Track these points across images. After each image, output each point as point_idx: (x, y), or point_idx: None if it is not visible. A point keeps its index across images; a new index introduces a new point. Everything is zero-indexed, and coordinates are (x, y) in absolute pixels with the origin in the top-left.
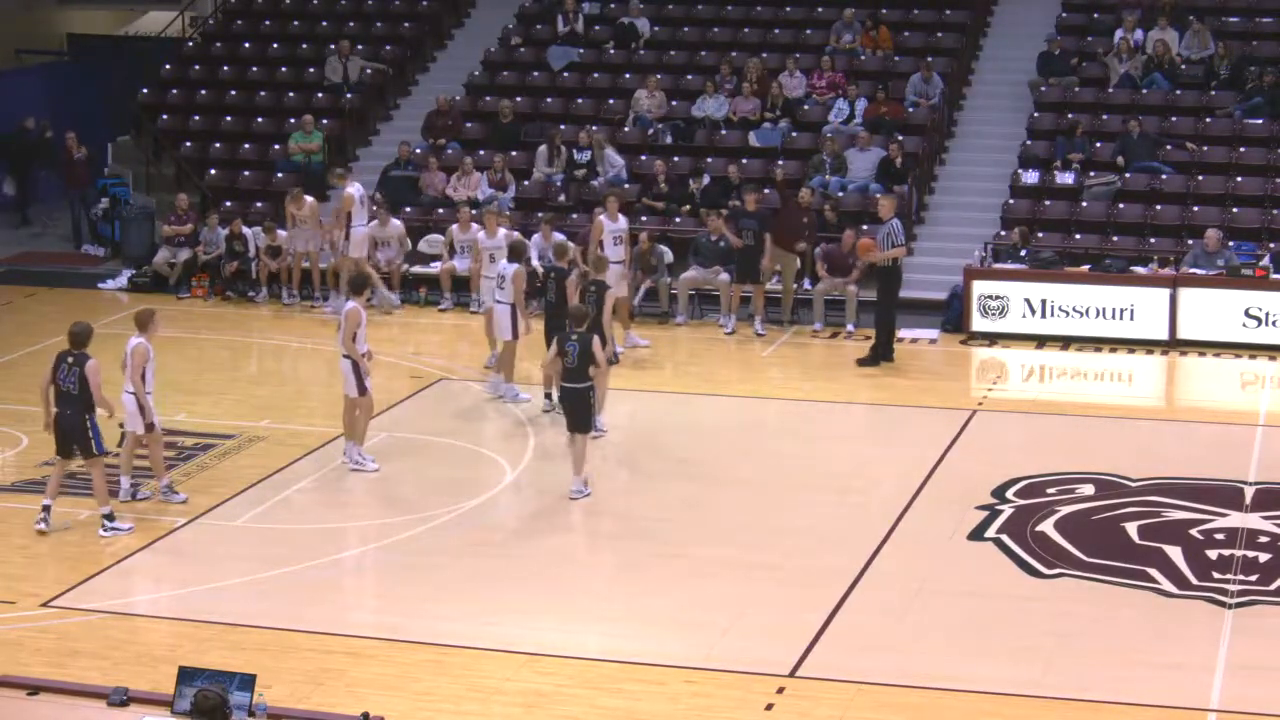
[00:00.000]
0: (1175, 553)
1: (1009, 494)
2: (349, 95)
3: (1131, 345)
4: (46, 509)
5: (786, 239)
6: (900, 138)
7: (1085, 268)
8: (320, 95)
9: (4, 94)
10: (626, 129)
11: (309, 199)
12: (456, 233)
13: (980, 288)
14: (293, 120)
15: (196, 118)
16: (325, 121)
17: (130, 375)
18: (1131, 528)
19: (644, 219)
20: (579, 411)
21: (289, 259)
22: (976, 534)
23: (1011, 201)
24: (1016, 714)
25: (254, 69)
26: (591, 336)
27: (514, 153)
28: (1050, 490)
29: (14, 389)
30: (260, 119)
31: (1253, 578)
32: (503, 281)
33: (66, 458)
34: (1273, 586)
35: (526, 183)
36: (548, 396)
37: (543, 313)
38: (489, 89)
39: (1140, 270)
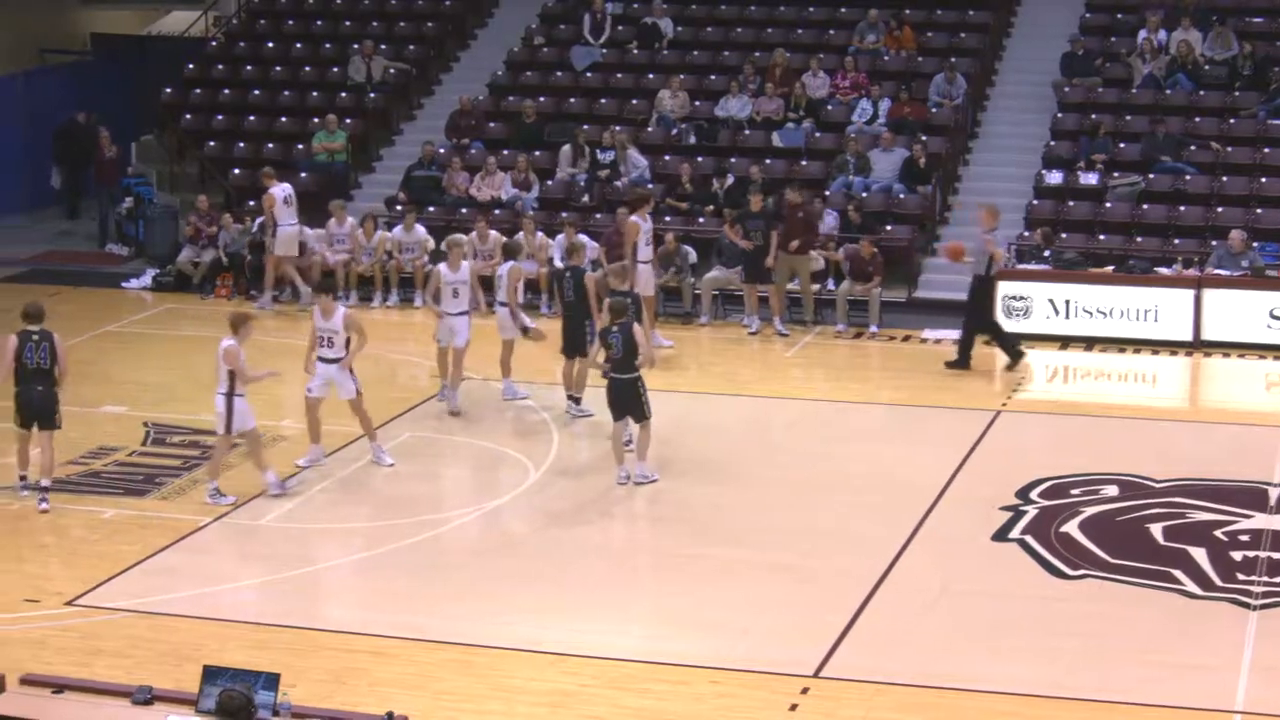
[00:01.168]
0: (1200, 554)
1: (1033, 495)
2: (372, 95)
3: (1155, 346)
4: (24, 477)
5: (781, 240)
6: (924, 138)
7: (1109, 269)
8: (344, 95)
9: (29, 93)
10: (650, 129)
11: (350, 219)
12: (475, 240)
13: (1004, 288)
14: (316, 120)
15: (220, 117)
16: (349, 121)
17: (223, 377)
18: (1156, 529)
19: (668, 219)
20: (629, 401)
21: (314, 258)
22: (1001, 535)
23: (1035, 202)
24: (1040, 715)
25: (277, 68)
26: (633, 325)
27: (537, 153)
28: (1074, 491)
29: None
30: (283, 118)
31: (1277, 579)
32: (500, 280)
33: (26, 428)
34: None
35: (550, 183)
36: (573, 400)
37: (560, 313)
38: (512, 89)
39: (1164, 271)
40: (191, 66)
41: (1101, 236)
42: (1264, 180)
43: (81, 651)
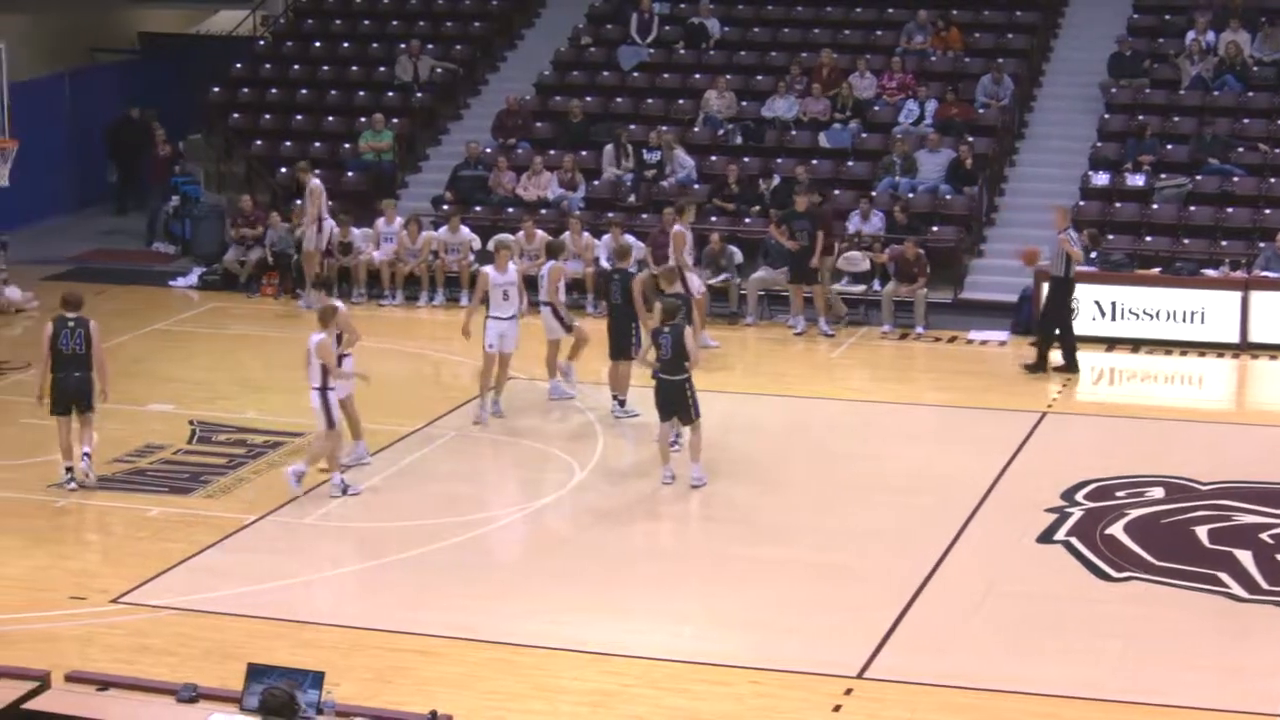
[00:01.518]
0: (1245, 557)
1: (1078, 497)
2: (419, 94)
3: (1202, 348)
4: (70, 469)
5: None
6: (970, 139)
7: (1156, 270)
8: (390, 94)
9: (76, 92)
10: (696, 129)
11: (398, 219)
12: (522, 241)
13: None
14: (363, 119)
15: (267, 116)
16: (395, 120)
17: (314, 373)
18: (1201, 531)
19: (713, 220)
20: (679, 402)
21: (360, 257)
22: (1046, 536)
23: (1082, 203)
24: (1084, 717)
25: (324, 68)
26: (684, 328)
27: (584, 152)
28: (1120, 493)
29: None
30: (330, 118)
31: None
32: (542, 280)
33: (65, 414)
34: None
35: (596, 183)
36: (619, 401)
37: (606, 314)
38: (559, 88)
39: (1211, 273)
40: (239, 66)
41: (1148, 238)
42: None
43: (127, 649)
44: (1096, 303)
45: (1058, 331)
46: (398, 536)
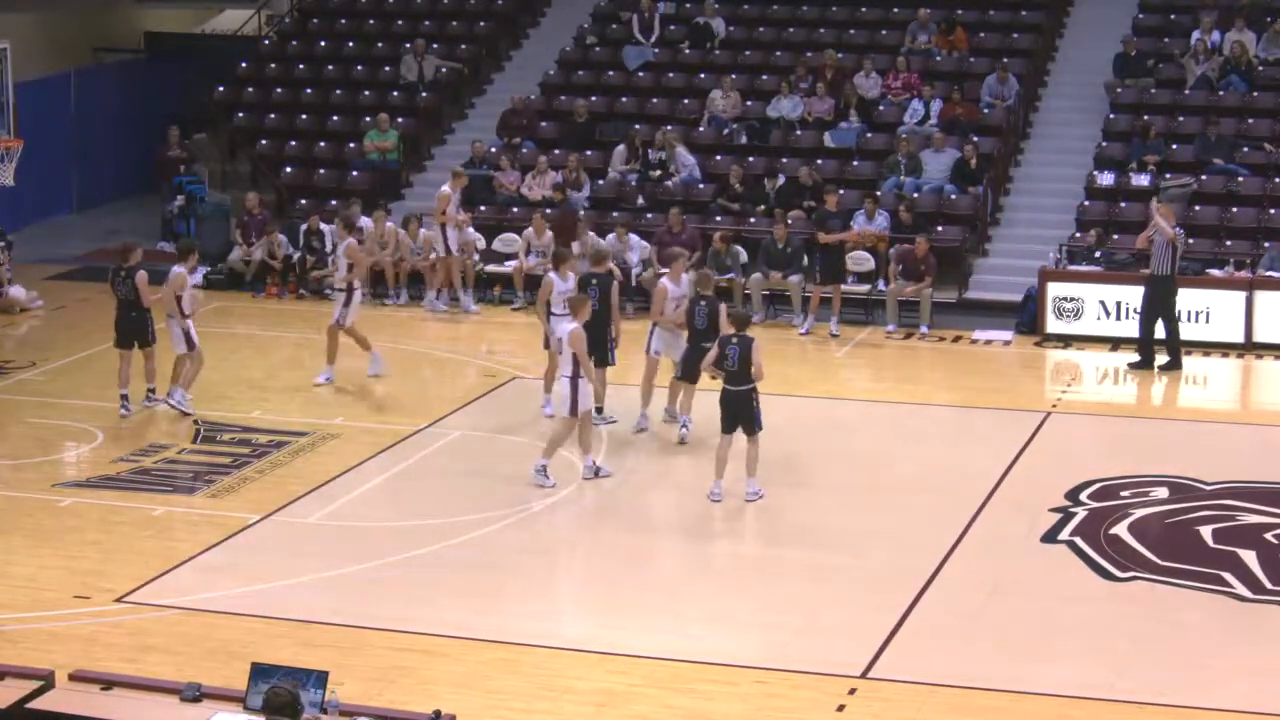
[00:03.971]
0: (1250, 557)
1: (1083, 496)
2: (424, 94)
3: (1207, 348)
4: (124, 397)
5: None
6: (975, 139)
7: None
8: (395, 94)
9: (82, 92)
10: (701, 129)
11: (424, 231)
12: (531, 236)
13: (1055, 289)
14: (368, 118)
15: (272, 115)
16: (400, 120)
17: (566, 360)
18: (1206, 531)
19: (719, 219)
20: (742, 414)
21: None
22: (1050, 536)
23: (1087, 203)
24: (1089, 718)
25: (329, 67)
26: (752, 340)
27: (588, 152)
28: (1124, 493)
29: (90, 384)
30: (335, 117)
31: None
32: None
33: (126, 348)
34: None
35: (601, 182)
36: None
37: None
38: (564, 88)
39: (1216, 273)
40: (244, 65)
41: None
42: None
43: (131, 648)
44: (1101, 302)
45: (1163, 327)
46: (401, 536)
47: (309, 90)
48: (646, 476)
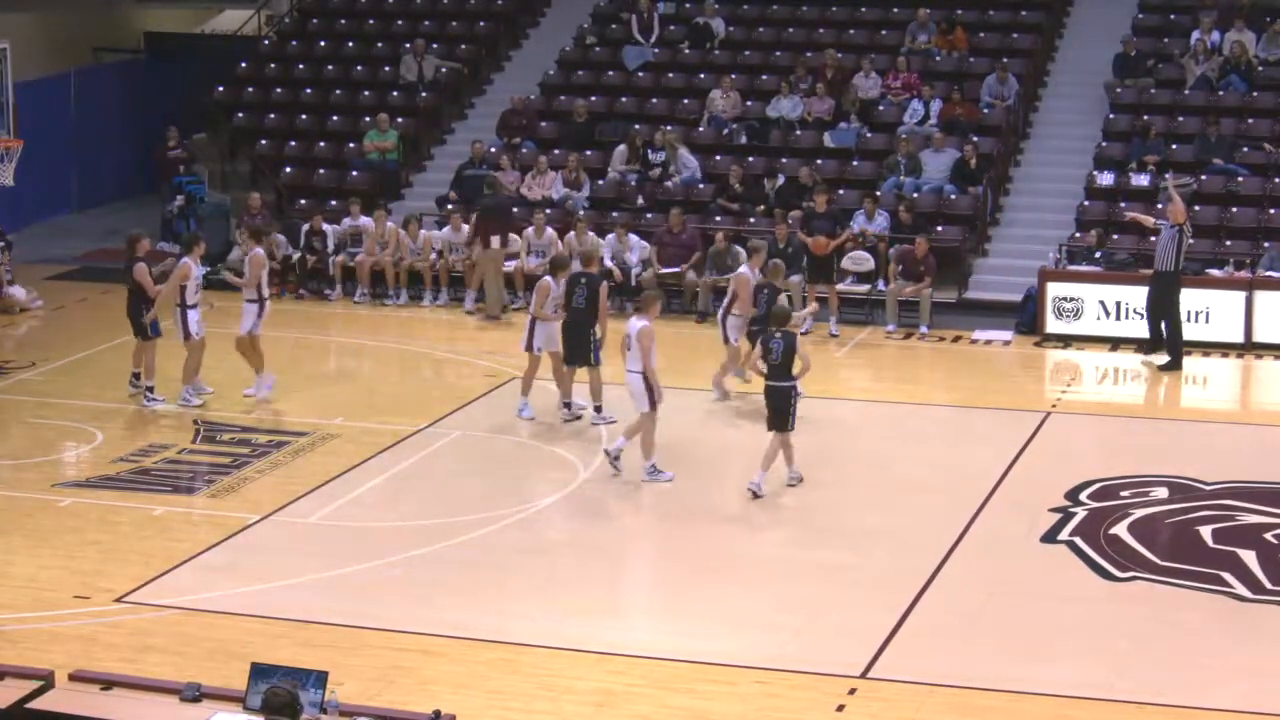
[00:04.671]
0: (1249, 556)
1: (1083, 497)
2: (424, 94)
3: (1207, 348)
4: (135, 375)
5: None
6: (975, 139)
7: None
8: (395, 94)
9: (82, 92)
10: (701, 129)
11: (424, 231)
12: (531, 236)
13: (1055, 289)
14: (367, 119)
15: (272, 116)
16: (400, 120)
17: (640, 357)
18: (1205, 531)
19: (718, 219)
20: (782, 409)
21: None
22: (1050, 536)
23: (1087, 203)
24: (1089, 718)
25: (329, 67)
26: (795, 335)
27: (588, 152)
28: (1124, 493)
29: (90, 385)
30: (335, 117)
31: None
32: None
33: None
34: None
35: (601, 182)
36: (593, 407)
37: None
38: (564, 88)
39: (1216, 273)
40: (244, 65)
41: (1153, 238)
42: None
43: (130, 648)
44: (1101, 302)
45: (1164, 325)
46: (401, 536)
47: (309, 90)
48: (641, 477)
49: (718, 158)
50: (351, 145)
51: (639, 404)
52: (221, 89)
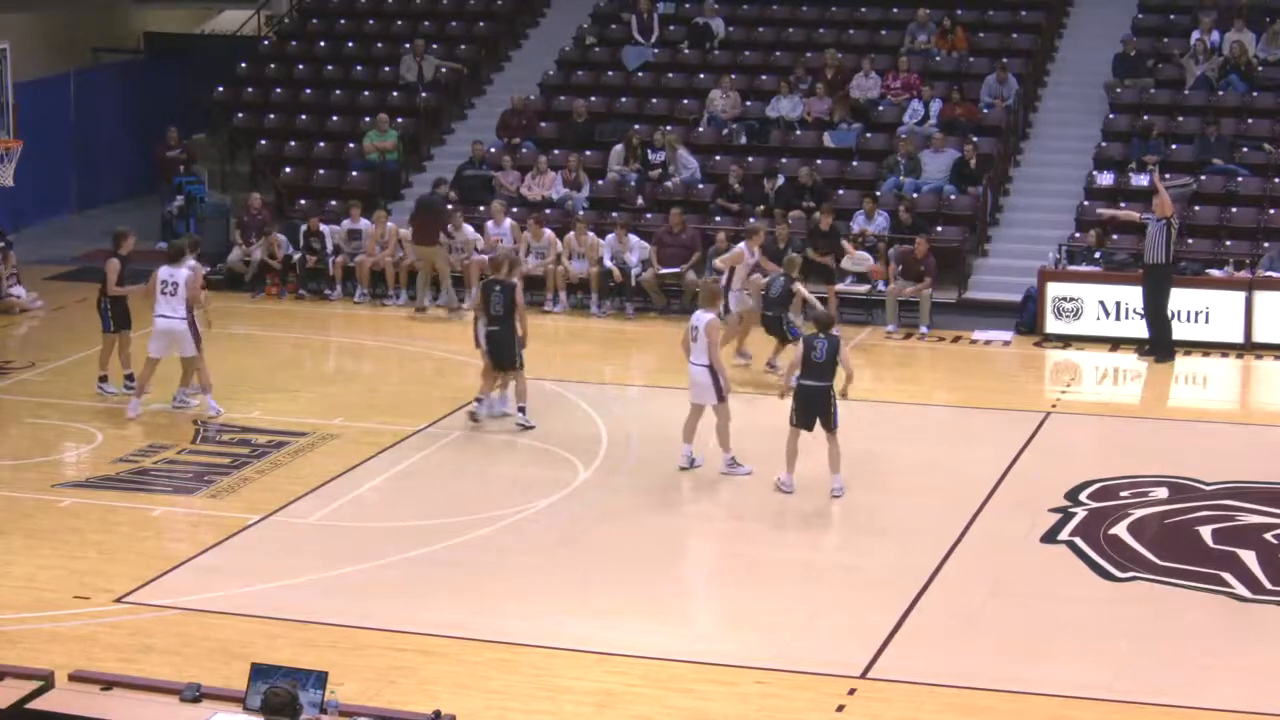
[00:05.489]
0: (1249, 557)
1: (1082, 497)
2: (424, 94)
3: (1206, 348)
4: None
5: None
6: (975, 139)
7: None
8: (395, 94)
9: (81, 92)
10: (701, 129)
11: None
12: (529, 238)
13: (1055, 289)
14: (367, 119)
15: (271, 116)
16: (400, 120)
17: (707, 350)
18: (1205, 531)
19: (718, 220)
20: (821, 411)
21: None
22: (1049, 536)
23: (1086, 203)
24: (1088, 718)
25: (329, 67)
26: (839, 338)
27: (588, 152)
28: (1124, 493)
29: (90, 385)
30: (335, 117)
31: None
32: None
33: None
34: None
35: (600, 182)
36: (520, 409)
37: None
38: (564, 88)
39: (1216, 273)
40: (244, 65)
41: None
42: None
43: (130, 648)
44: (1101, 302)
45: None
46: (400, 536)
47: (308, 90)
48: (644, 477)
49: (717, 158)
50: (351, 145)
51: (702, 396)
52: (221, 89)
